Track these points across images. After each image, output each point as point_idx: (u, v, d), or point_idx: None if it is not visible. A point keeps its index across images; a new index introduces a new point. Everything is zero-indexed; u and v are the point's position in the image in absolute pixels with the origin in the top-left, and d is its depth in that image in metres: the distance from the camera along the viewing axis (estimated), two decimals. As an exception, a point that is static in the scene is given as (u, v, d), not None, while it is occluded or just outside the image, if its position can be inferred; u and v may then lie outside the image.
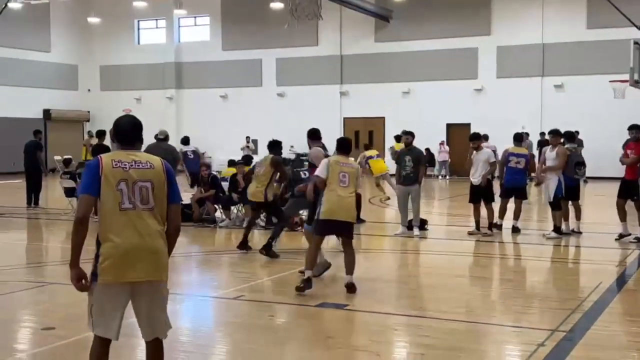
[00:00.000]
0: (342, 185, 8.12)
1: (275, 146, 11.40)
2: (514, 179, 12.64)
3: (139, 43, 35.63)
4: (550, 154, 12.16)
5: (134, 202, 4.18)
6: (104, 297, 4.18)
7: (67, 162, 20.02)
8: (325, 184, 8.12)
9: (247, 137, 29.46)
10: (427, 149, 25.23)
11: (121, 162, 4.23)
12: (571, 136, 12.67)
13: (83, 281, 4.18)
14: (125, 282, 4.15)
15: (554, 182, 12.00)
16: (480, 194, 12.56)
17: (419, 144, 13.68)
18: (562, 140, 12.45)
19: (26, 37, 31.65)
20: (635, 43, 18.78)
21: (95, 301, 4.21)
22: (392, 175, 17.81)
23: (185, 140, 18.75)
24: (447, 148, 28.70)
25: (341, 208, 8.09)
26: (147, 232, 4.19)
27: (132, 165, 4.23)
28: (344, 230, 8.31)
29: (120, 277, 4.13)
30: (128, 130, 4.43)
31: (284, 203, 11.33)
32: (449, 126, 29.51)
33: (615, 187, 12.17)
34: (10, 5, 26.74)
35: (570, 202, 12.41)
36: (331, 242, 9.93)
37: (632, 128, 11.73)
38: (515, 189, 12.68)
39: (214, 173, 15.56)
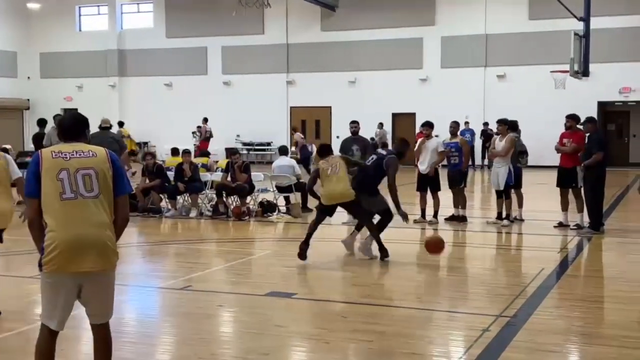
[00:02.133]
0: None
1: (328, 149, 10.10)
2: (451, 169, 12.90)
3: (80, 30, 34.83)
4: (499, 143, 12.36)
5: (76, 191, 4.12)
6: (49, 287, 4.17)
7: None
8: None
9: (198, 127, 29.05)
10: (372, 138, 25.37)
11: (62, 152, 4.20)
12: (514, 125, 12.91)
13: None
14: (70, 272, 4.11)
15: (504, 171, 12.22)
16: (427, 183, 12.71)
17: (365, 133, 13.75)
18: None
19: (-38, 22, 30.67)
20: (576, 34, 19.27)
21: (43, 291, 4.21)
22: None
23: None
24: (381, 130, 28.73)
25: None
26: (91, 221, 4.13)
27: (72, 155, 4.19)
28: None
29: (64, 268, 4.09)
30: (71, 125, 4.41)
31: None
32: (395, 115, 29.75)
33: (555, 175, 12.44)
34: (-56, -11, 25.88)
35: (512, 190, 12.65)
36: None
37: (568, 117, 12.03)
38: (452, 178, 12.85)
39: (159, 162, 15.37)
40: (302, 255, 9.15)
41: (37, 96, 34.31)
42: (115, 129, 19.09)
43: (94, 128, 15.52)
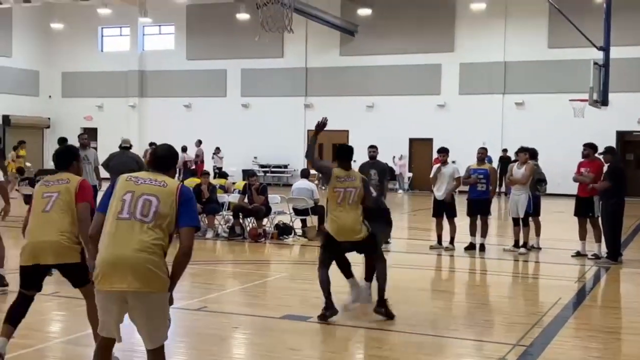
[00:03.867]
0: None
1: (349, 153, 8.02)
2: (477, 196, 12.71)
3: (102, 50, 35.27)
4: (517, 170, 12.32)
5: (132, 213, 4.23)
6: (99, 302, 4.34)
7: (20, 171, 19.71)
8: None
9: (218, 148, 29.23)
10: (386, 163, 25.34)
11: (137, 177, 4.39)
12: (534, 153, 12.87)
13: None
14: (113, 290, 4.19)
15: (524, 198, 12.16)
16: (443, 209, 12.67)
17: (382, 158, 13.76)
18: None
19: (-13, 41, 31.14)
20: (595, 63, 19.22)
21: (97, 305, 4.40)
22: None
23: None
24: (402, 162, 28.83)
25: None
26: (135, 243, 4.19)
27: (144, 181, 4.35)
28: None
29: (106, 285, 4.20)
30: (162, 158, 4.55)
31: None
32: (412, 141, 29.77)
33: (573, 204, 12.37)
34: (-29, 8, 26.34)
35: (530, 218, 12.58)
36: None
37: (585, 146, 11.98)
38: (479, 206, 12.70)
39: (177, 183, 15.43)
40: (325, 317, 7.41)
41: (58, 115, 34.68)
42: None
43: (114, 148, 15.66)
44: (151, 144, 27.31)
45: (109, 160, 13.07)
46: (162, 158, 4.52)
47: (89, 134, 22.27)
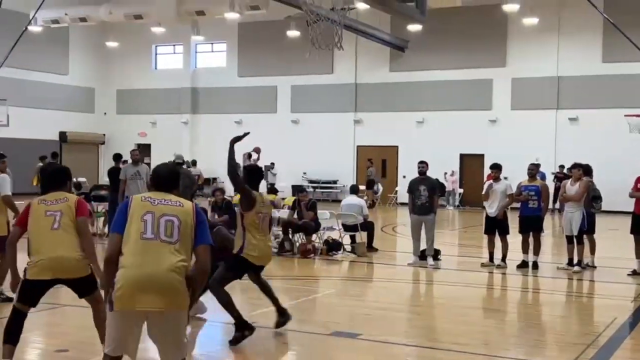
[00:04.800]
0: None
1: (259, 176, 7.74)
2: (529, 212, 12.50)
3: (156, 68, 35.98)
4: (571, 187, 12.09)
5: (156, 234, 4.29)
6: (116, 322, 4.31)
7: (77, 186, 20.15)
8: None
9: (272, 163, 29.48)
10: (436, 179, 25.19)
11: (151, 197, 4.45)
12: (589, 170, 12.62)
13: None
14: (142, 309, 4.23)
15: (578, 216, 11.92)
16: (495, 226, 12.50)
17: (432, 173, 13.68)
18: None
19: (45, 59, 32.01)
20: (651, 78, 18.80)
21: (109, 325, 4.36)
22: (404, 203, 17.81)
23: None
24: (453, 177, 28.60)
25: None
26: (162, 264, 4.25)
27: (160, 202, 4.41)
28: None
29: (129, 305, 4.23)
30: (164, 178, 4.61)
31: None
32: (463, 156, 29.51)
33: (628, 221, 12.09)
34: (30, 28, 27.10)
35: (585, 236, 12.33)
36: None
37: None
38: (531, 223, 12.48)
39: (228, 198, 15.60)
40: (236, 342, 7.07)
41: (113, 131, 35.45)
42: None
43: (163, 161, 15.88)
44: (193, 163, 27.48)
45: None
46: (165, 178, 4.58)
47: (143, 150, 22.74)
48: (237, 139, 7.37)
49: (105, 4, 28.70)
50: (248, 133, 7.55)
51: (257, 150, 23.61)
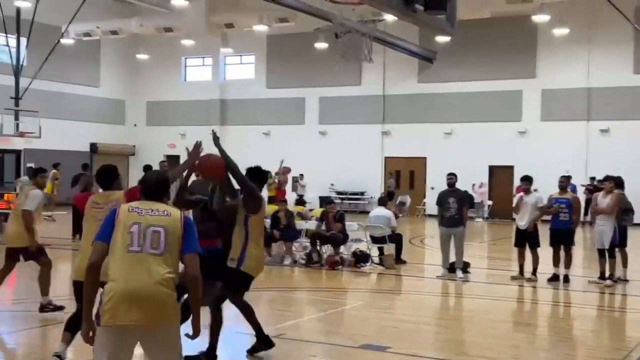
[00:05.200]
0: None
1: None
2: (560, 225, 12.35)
3: (185, 80, 36.29)
4: (602, 200, 11.93)
5: (142, 245, 4.20)
6: (106, 337, 4.16)
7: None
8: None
9: (301, 174, 29.57)
10: (465, 191, 25.05)
11: (138, 208, 4.34)
12: (620, 182, 12.44)
13: (91, 333, 4.23)
14: (132, 324, 4.11)
15: (609, 229, 11.76)
16: (526, 239, 12.37)
17: (461, 185, 13.59)
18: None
19: (77, 72, 32.46)
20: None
21: (97, 342, 4.19)
22: (432, 215, 17.72)
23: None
24: (482, 189, 28.38)
25: None
26: (150, 277, 4.15)
27: (148, 212, 4.30)
28: None
29: (118, 319, 4.10)
30: (153, 186, 4.53)
31: None
32: (492, 168, 29.30)
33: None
34: (62, 41, 27.57)
35: (617, 249, 12.15)
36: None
37: None
38: (562, 236, 12.33)
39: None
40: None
41: (142, 142, 35.79)
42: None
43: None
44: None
45: (190, 187, 13.37)
46: (153, 186, 4.51)
47: (172, 161, 22.89)
48: (216, 140, 7.14)
49: (136, 17, 29.09)
50: (214, 134, 7.24)
51: (285, 172, 23.47)
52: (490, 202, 28.87)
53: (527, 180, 12.56)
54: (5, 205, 16.61)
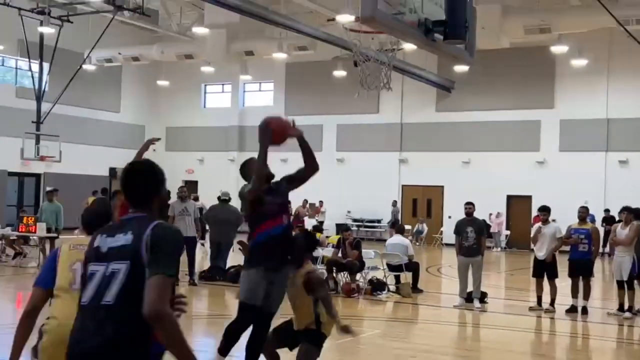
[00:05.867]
0: None
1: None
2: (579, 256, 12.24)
3: (204, 106, 36.61)
4: (621, 231, 11.85)
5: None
6: None
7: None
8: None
9: (321, 201, 29.62)
10: (483, 220, 24.95)
11: (80, 245, 4.04)
12: (638, 214, 12.35)
13: None
14: None
15: (628, 260, 11.66)
16: (544, 269, 12.28)
17: (478, 214, 13.55)
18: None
19: (98, 97, 32.85)
20: None
21: None
22: (449, 244, 17.65)
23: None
24: (499, 219, 28.23)
25: None
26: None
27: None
28: None
29: (54, 357, 3.82)
30: (91, 220, 4.31)
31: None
32: (509, 197, 29.18)
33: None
34: (84, 66, 27.96)
35: (636, 281, 12.03)
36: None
37: None
38: (581, 267, 12.23)
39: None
40: None
41: (161, 168, 35.95)
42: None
43: (212, 200, 16.05)
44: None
45: (208, 212, 13.48)
46: (93, 222, 4.06)
47: (190, 187, 23.00)
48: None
49: (158, 43, 29.46)
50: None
51: (316, 212, 23.42)
52: (507, 232, 28.71)
53: (545, 210, 12.51)
54: (25, 228, 16.78)
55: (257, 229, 5.90)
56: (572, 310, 12.07)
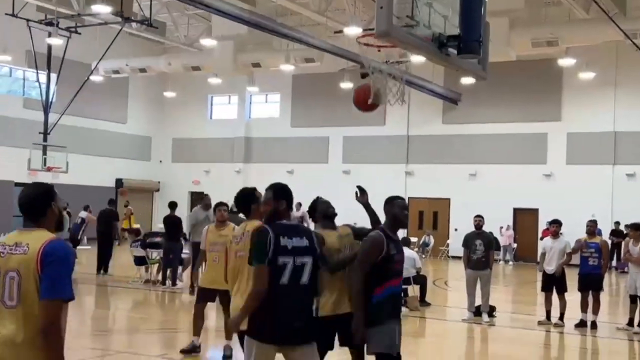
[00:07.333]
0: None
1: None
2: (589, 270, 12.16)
3: (211, 118, 36.67)
4: (634, 248, 11.76)
5: (1, 299, 3.33)
6: None
7: (137, 232, 20.55)
8: None
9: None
10: (491, 233, 24.86)
11: (4, 245, 3.42)
12: (646, 230, 12.27)
13: None
14: None
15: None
16: (553, 283, 12.20)
17: (485, 227, 13.47)
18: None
19: (105, 108, 32.93)
20: None
21: None
22: (455, 257, 17.57)
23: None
24: (509, 232, 28.13)
25: None
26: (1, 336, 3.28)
27: (9, 251, 3.38)
28: None
29: None
30: (24, 203, 3.55)
31: None
32: (516, 210, 29.08)
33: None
34: (92, 78, 28.04)
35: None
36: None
37: None
38: (591, 281, 12.14)
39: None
40: None
41: (167, 179, 36.05)
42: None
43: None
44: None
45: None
46: (25, 204, 3.50)
47: (195, 198, 22.96)
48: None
49: (165, 55, 29.55)
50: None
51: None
52: (515, 245, 28.61)
53: (556, 223, 12.43)
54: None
55: (380, 285, 5.65)
56: (581, 324, 11.98)
